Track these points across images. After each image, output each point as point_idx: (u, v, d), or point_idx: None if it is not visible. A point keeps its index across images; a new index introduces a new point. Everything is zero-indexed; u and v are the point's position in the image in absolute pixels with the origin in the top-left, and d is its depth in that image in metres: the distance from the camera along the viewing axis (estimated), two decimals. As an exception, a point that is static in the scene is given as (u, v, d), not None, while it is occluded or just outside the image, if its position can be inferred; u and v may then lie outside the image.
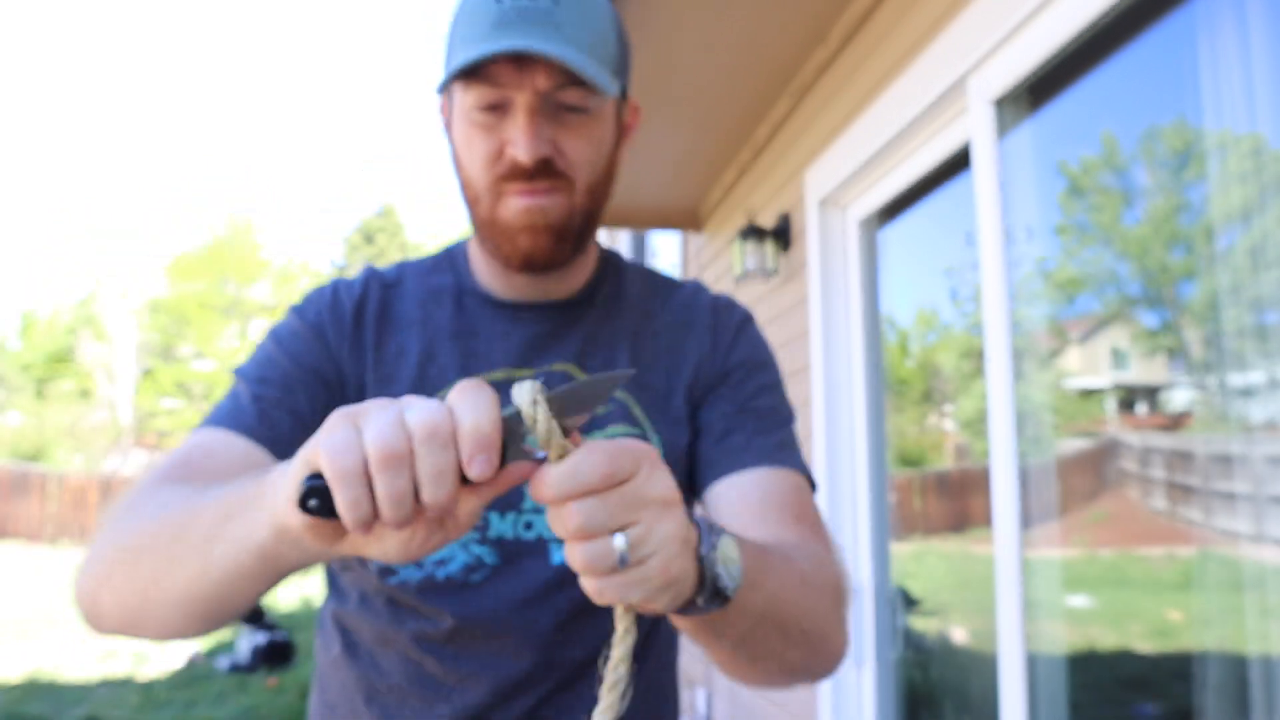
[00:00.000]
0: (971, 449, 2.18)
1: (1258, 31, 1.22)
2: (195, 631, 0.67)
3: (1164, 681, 1.50)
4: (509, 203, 0.80)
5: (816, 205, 2.59)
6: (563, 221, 0.81)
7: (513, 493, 0.81)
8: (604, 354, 0.88)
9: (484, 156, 0.79)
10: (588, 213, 0.83)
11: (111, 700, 5.83)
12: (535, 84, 0.76)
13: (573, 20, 0.75)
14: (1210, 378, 1.39)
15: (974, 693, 1.99)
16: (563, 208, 0.81)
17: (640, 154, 3.18)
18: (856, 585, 2.41)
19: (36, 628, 8.63)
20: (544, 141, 0.77)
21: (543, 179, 0.79)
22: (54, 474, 15.71)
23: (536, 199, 0.79)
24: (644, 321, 0.91)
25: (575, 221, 0.82)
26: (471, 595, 0.80)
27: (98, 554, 0.69)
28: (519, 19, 0.74)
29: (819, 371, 2.53)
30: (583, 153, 0.80)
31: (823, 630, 0.71)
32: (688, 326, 0.92)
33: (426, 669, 0.82)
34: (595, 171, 0.82)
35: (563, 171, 0.79)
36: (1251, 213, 1.24)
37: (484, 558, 0.81)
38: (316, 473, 0.49)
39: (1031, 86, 1.69)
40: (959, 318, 2.23)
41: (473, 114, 0.79)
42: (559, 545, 0.80)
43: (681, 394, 0.88)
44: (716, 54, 2.50)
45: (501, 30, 0.74)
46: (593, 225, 0.85)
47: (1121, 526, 1.62)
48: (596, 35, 0.78)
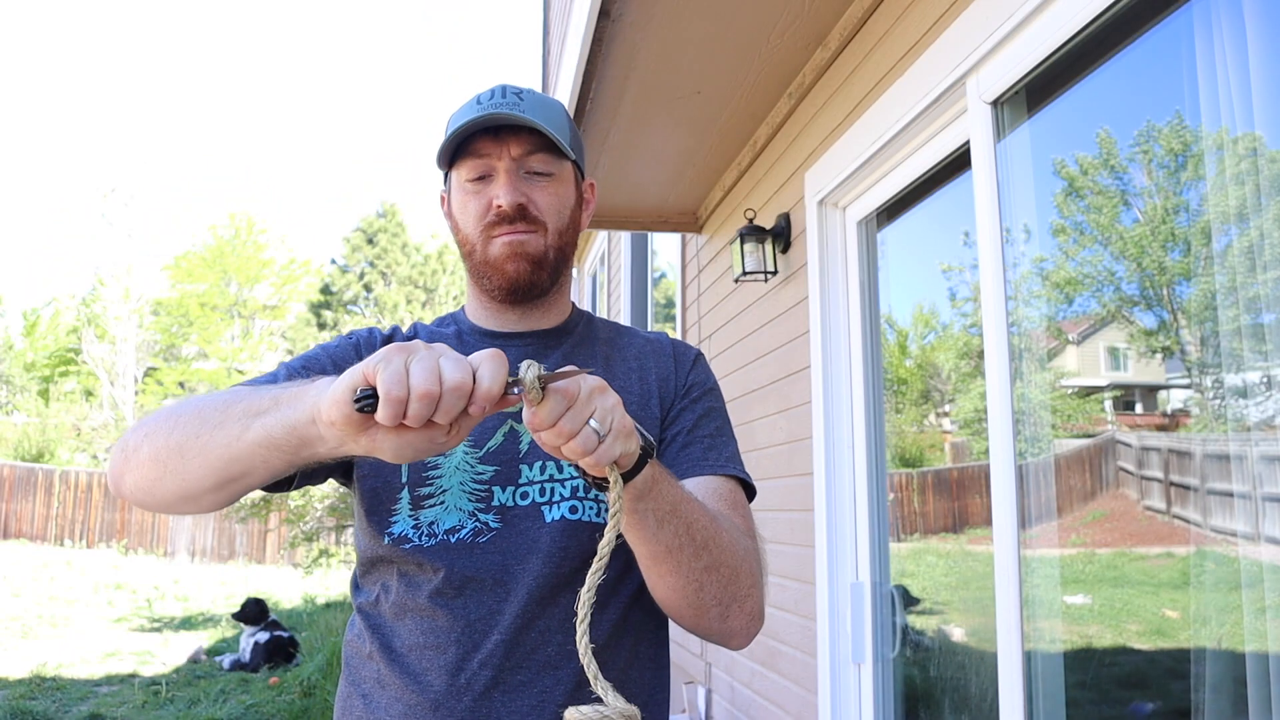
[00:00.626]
0: (970, 448, 2.19)
1: (1254, 32, 1.22)
2: (210, 495, 0.85)
3: (1161, 679, 1.50)
4: (496, 242, 1.05)
5: (816, 206, 2.59)
6: (539, 254, 1.06)
7: (510, 470, 1.01)
8: (588, 366, 1.09)
9: (476, 213, 1.05)
10: (558, 251, 1.08)
11: (115, 698, 5.85)
12: (510, 151, 1.04)
13: (536, 111, 1.04)
14: (1207, 377, 1.40)
15: (973, 691, 2.00)
16: (538, 243, 1.06)
17: (640, 154, 3.19)
18: (860, 584, 2.41)
19: (41, 626, 8.65)
20: (520, 193, 1.04)
21: (521, 222, 1.05)
22: (58, 473, 15.74)
23: (517, 236, 1.05)
24: (614, 351, 1.14)
25: (549, 256, 1.07)
26: (480, 553, 0.99)
27: (150, 417, 0.89)
28: (494, 106, 1.03)
29: (818, 371, 2.54)
30: (551, 205, 1.07)
31: (733, 567, 0.94)
32: (654, 354, 1.14)
33: (439, 622, 0.98)
34: (562, 220, 1.08)
35: (536, 217, 1.05)
36: (1248, 213, 1.25)
37: (490, 523, 0.99)
38: (370, 387, 0.69)
39: (1030, 88, 1.70)
40: (958, 318, 2.24)
41: (465, 185, 1.06)
42: (549, 507, 1.00)
43: (654, 402, 1.10)
44: (716, 55, 2.50)
45: (478, 108, 1.03)
46: (564, 263, 1.10)
47: (1119, 525, 1.63)
48: (555, 124, 1.06)
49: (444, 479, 1.01)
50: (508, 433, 1.03)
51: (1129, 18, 1.44)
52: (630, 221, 3.87)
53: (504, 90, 1.05)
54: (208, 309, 24.16)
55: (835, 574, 2.47)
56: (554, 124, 1.05)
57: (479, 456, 1.01)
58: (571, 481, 1.00)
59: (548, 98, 1.08)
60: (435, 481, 1.01)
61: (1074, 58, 1.57)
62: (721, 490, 1.04)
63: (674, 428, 1.09)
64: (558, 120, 1.07)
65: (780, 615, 2.85)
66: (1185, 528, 1.42)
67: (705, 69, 2.57)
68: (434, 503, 1.00)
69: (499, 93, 1.05)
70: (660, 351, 1.15)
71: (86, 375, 24.37)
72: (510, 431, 1.03)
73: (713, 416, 1.11)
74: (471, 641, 0.97)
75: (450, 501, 1.00)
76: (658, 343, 1.16)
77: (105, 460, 19.67)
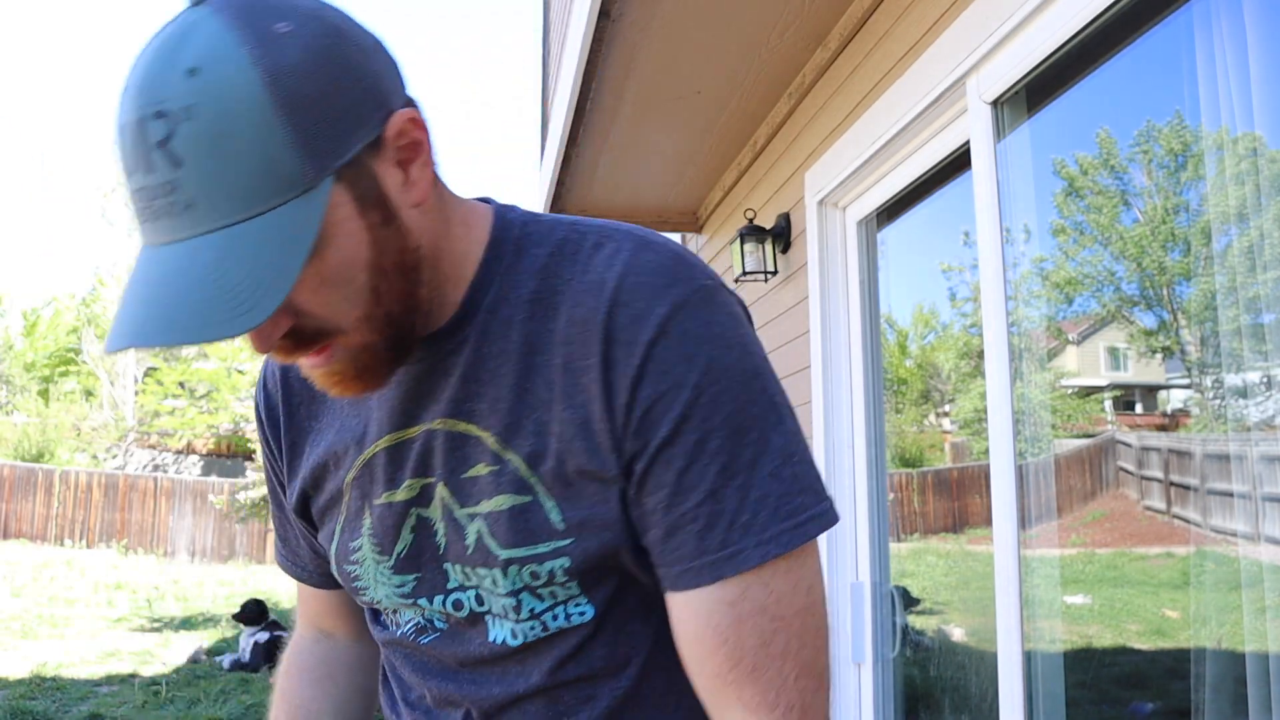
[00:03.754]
0: (970, 448, 2.19)
1: (1254, 32, 1.22)
2: None
3: (1161, 679, 1.50)
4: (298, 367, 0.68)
5: (816, 206, 2.60)
6: (359, 364, 0.64)
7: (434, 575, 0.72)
8: (484, 393, 0.67)
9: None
10: (389, 330, 0.63)
11: (115, 698, 5.85)
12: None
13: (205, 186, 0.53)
14: (1207, 377, 1.40)
15: (972, 690, 2.00)
16: (346, 356, 0.63)
17: (640, 154, 3.19)
18: (859, 588, 2.41)
19: (41, 626, 8.66)
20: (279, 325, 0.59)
21: (301, 348, 0.62)
22: (58, 473, 15.75)
23: (314, 361, 0.63)
24: (539, 331, 0.66)
25: (376, 352, 0.64)
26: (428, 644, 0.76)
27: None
28: (146, 208, 0.54)
29: (818, 371, 2.54)
30: (330, 301, 0.60)
31: None
32: (584, 343, 0.64)
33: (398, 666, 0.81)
34: (361, 300, 0.61)
35: (319, 329, 0.61)
36: (1248, 213, 1.25)
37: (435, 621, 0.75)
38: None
39: (1030, 88, 1.70)
40: (957, 317, 2.24)
41: None
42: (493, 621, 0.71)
43: (596, 437, 0.64)
44: (716, 55, 2.50)
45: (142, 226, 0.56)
46: (408, 327, 0.65)
47: (1119, 525, 1.63)
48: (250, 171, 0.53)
49: (369, 590, 0.75)
50: (415, 527, 0.71)
51: (1129, 18, 1.44)
52: (630, 221, 3.86)
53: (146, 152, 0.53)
54: (208, 309, 24.13)
55: (835, 574, 2.47)
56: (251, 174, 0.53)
57: (391, 565, 0.73)
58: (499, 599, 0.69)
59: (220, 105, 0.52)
60: (364, 593, 0.76)
61: (1074, 58, 1.57)
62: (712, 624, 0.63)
63: (647, 493, 0.64)
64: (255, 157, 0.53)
65: (780, 615, 2.85)
66: (1185, 528, 1.42)
67: (705, 69, 2.57)
68: (379, 606, 0.77)
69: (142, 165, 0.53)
70: (585, 343, 0.64)
71: (86, 375, 24.38)
72: (417, 525, 0.71)
73: (705, 454, 0.62)
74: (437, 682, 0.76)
75: (389, 605, 0.76)
76: (587, 320, 0.64)
77: (105, 460, 19.69)
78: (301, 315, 0.60)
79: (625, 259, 0.66)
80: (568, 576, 0.67)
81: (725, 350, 0.63)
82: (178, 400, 22.29)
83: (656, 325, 0.62)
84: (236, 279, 0.53)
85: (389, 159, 0.61)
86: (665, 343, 0.62)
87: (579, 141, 3.01)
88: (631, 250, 0.66)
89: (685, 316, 0.63)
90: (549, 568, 0.66)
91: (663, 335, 0.62)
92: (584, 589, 0.68)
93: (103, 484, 15.76)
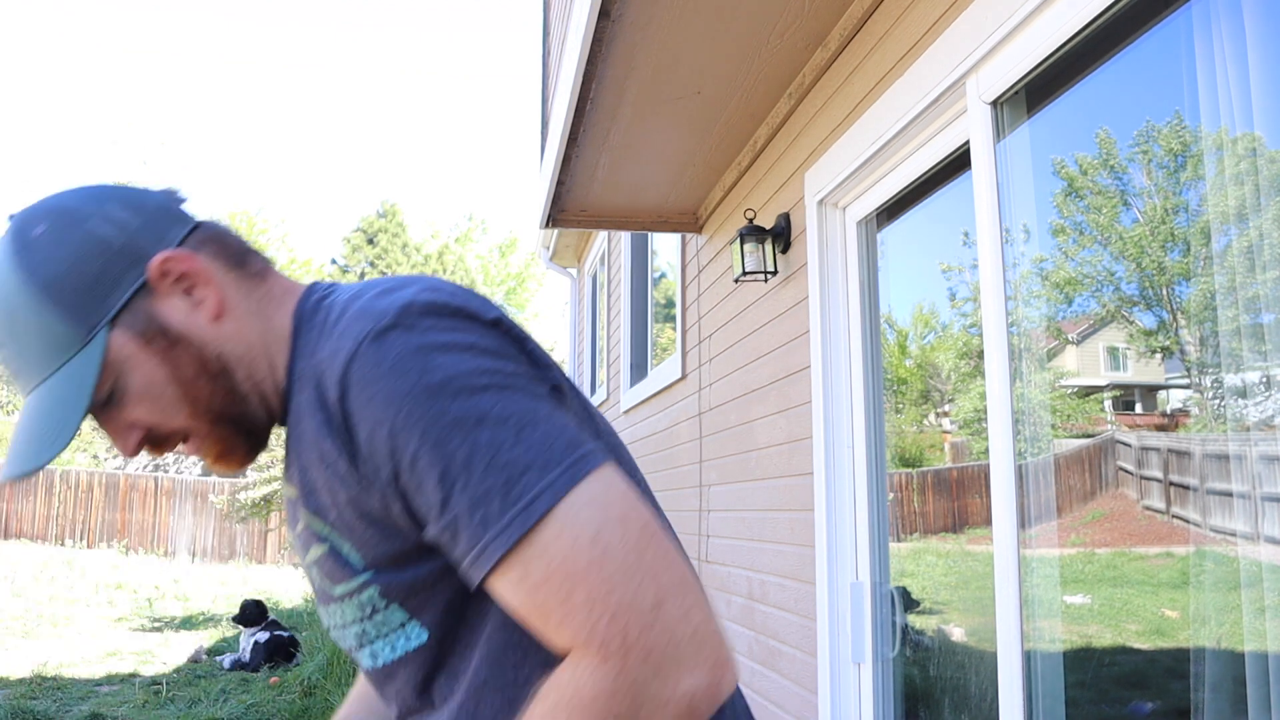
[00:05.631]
0: (970, 448, 2.19)
1: (1254, 33, 1.22)
2: None
3: (1160, 679, 1.50)
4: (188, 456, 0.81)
5: (816, 206, 2.60)
6: (220, 448, 0.79)
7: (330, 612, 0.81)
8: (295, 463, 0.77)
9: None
10: (226, 419, 0.77)
11: (115, 697, 5.85)
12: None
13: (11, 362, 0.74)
14: (1207, 377, 1.40)
15: (972, 690, 2.00)
16: (206, 443, 0.79)
17: (640, 154, 3.19)
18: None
19: (42, 625, 8.66)
20: (125, 432, 0.77)
21: (167, 445, 0.79)
22: (58, 473, 15.75)
23: (185, 449, 0.80)
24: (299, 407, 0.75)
25: (227, 436, 0.78)
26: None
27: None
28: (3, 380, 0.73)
29: (818, 371, 2.54)
30: (156, 412, 0.76)
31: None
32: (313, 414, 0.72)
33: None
34: (181, 404, 0.76)
35: (167, 432, 0.77)
36: (1248, 213, 1.25)
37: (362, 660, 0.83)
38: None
39: (1029, 88, 1.70)
40: (957, 317, 2.24)
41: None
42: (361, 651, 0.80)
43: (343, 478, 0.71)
44: (716, 56, 2.50)
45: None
46: (242, 413, 0.78)
47: (1118, 525, 1.63)
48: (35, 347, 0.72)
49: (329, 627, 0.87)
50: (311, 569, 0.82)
51: (1129, 18, 1.44)
52: (630, 221, 3.87)
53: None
54: (208, 309, 24.14)
55: (835, 574, 2.47)
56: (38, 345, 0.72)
57: (320, 602, 0.83)
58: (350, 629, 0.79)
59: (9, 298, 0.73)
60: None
61: (1074, 58, 1.57)
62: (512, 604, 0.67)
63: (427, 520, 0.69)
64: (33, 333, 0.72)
65: (780, 615, 2.85)
66: (1185, 528, 1.42)
67: (705, 69, 2.57)
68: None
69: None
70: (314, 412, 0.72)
71: (87, 375, 24.37)
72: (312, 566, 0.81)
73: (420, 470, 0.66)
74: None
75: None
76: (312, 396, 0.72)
77: (105, 460, 19.69)
78: (146, 427, 0.77)
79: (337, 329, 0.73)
80: (386, 600, 0.75)
81: (398, 380, 0.67)
82: (178, 400, 22.28)
83: (338, 383, 0.69)
84: (45, 423, 0.72)
85: (166, 293, 0.76)
86: (350, 395, 0.68)
87: (579, 141, 3.01)
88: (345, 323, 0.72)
89: (355, 366, 0.68)
90: (367, 596, 0.75)
91: (345, 390, 0.69)
92: (411, 613, 0.75)
93: (103, 484, 15.77)
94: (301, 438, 0.74)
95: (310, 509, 0.76)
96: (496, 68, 57.72)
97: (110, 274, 0.73)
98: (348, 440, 0.69)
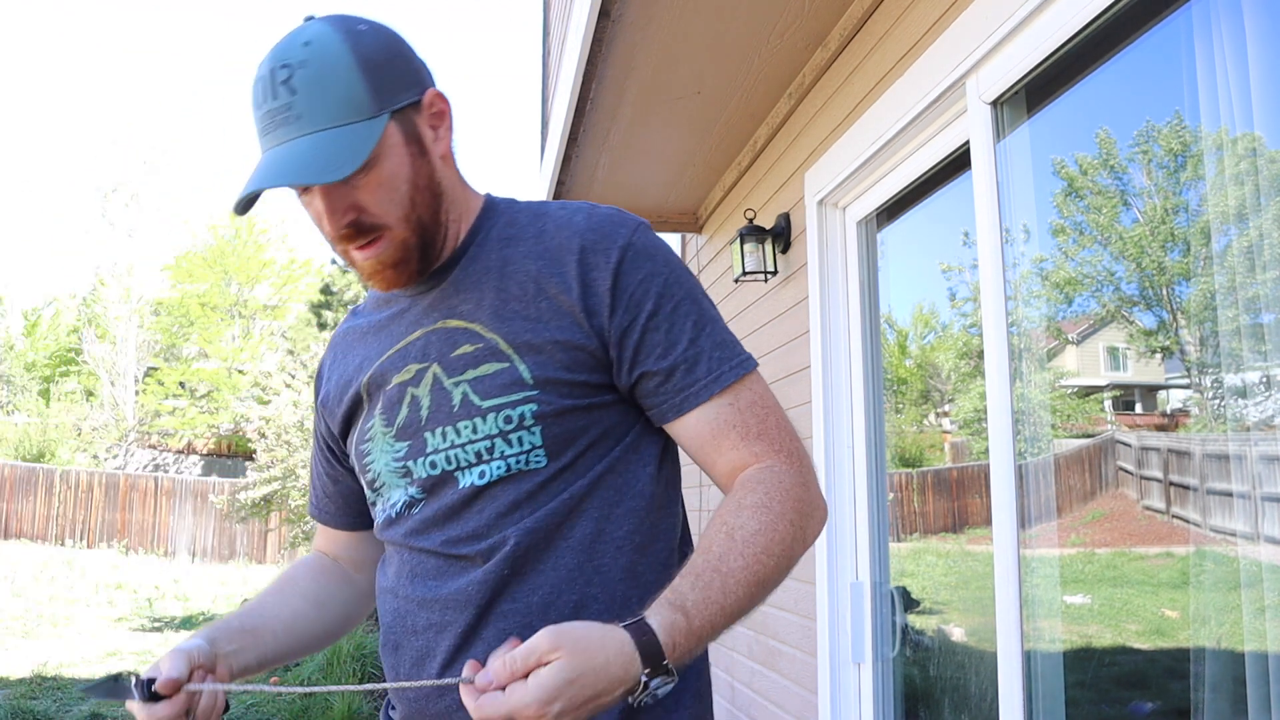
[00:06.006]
0: (970, 448, 2.19)
1: (1254, 33, 1.22)
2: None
3: (1161, 679, 1.50)
4: (352, 256, 0.96)
5: (816, 206, 2.60)
6: (398, 257, 0.95)
7: (418, 441, 0.97)
8: (470, 296, 0.97)
9: (315, 226, 0.95)
10: (418, 233, 0.95)
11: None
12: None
13: (310, 103, 0.87)
14: (1207, 377, 1.40)
15: (972, 690, 2.00)
16: (390, 249, 0.94)
17: (640, 154, 3.19)
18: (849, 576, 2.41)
19: (42, 625, 8.66)
20: (343, 211, 0.91)
21: (361, 237, 0.93)
22: (59, 473, 15.75)
23: (366, 253, 0.94)
24: (512, 255, 0.98)
25: (410, 249, 0.95)
26: (415, 520, 0.99)
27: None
28: (270, 123, 0.89)
29: (818, 371, 2.54)
30: (381, 202, 0.92)
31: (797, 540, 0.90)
32: (561, 251, 0.96)
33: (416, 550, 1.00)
34: (401, 206, 0.93)
35: (373, 224, 0.92)
36: (1248, 213, 1.25)
37: (415, 495, 0.99)
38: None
39: (1029, 88, 1.70)
40: (957, 317, 2.24)
41: (297, 196, 0.95)
42: (462, 472, 0.95)
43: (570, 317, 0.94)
44: (716, 55, 2.50)
45: (265, 138, 0.90)
46: (430, 234, 0.96)
47: (1118, 525, 1.63)
48: (338, 96, 0.88)
49: (374, 463, 1.01)
50: (410, 403, 0.98)
51: (1129, 18, 1.44)
52: (630, 221, 3.87)
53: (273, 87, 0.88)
54: (208, 309, 24.15)
55: (835, 574, 2.47)
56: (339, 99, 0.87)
57: (393, 434, 0.99)
58: (473, 445, 0.94)
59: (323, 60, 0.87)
60: (371, 468, 1.02)
61: (1073, 58, 1.57)
62: (730, 420, 0.93)
63: (639, 360, 0.94)
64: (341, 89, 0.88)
65: (780, 615, 2.85)
66: (1185, 528, 1.42)
67: (705, 69, 2.57)
68: (380, 485, 1.01)
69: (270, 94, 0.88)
70: (561, 258, 0.95)
71: (87, 375, 24.38)
72: (412, 401, 0.98)
73: (677, 319, 0.94)
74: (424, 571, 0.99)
75: (387, 480, 1.00)
76: (563, 245, 0.96)
77: (105, 460, 19.70)
78: (361, 212, 0.91)
79: (585, 210, 0.99)
80: (534, 420, 0.92)
81: (670, 254, 0.99)
82: (178, 400, 22.29)
83: (623, 241, 0.96)
84: (327, 155, 0.86)
85: (424, 118, 0.96)
86: (632, 251, 0.96)
87: (579, 141, 3.01)
88: (588, 207, 1.00)
89: (640, 236, 0.97)
90: (520, 411, 0.92)
91: (628, 247, 0.96)
92: (545, 441, 0.93)
93: (103, 484, 15.77)
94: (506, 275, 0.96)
95: (499, 332, 0.94)
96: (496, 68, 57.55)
97: (404, 80, 0.93)
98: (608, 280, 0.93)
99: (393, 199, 0.92)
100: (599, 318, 0.93)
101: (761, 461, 0.93)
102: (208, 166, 45.45)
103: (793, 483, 0.92)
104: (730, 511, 0.89)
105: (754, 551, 0.87)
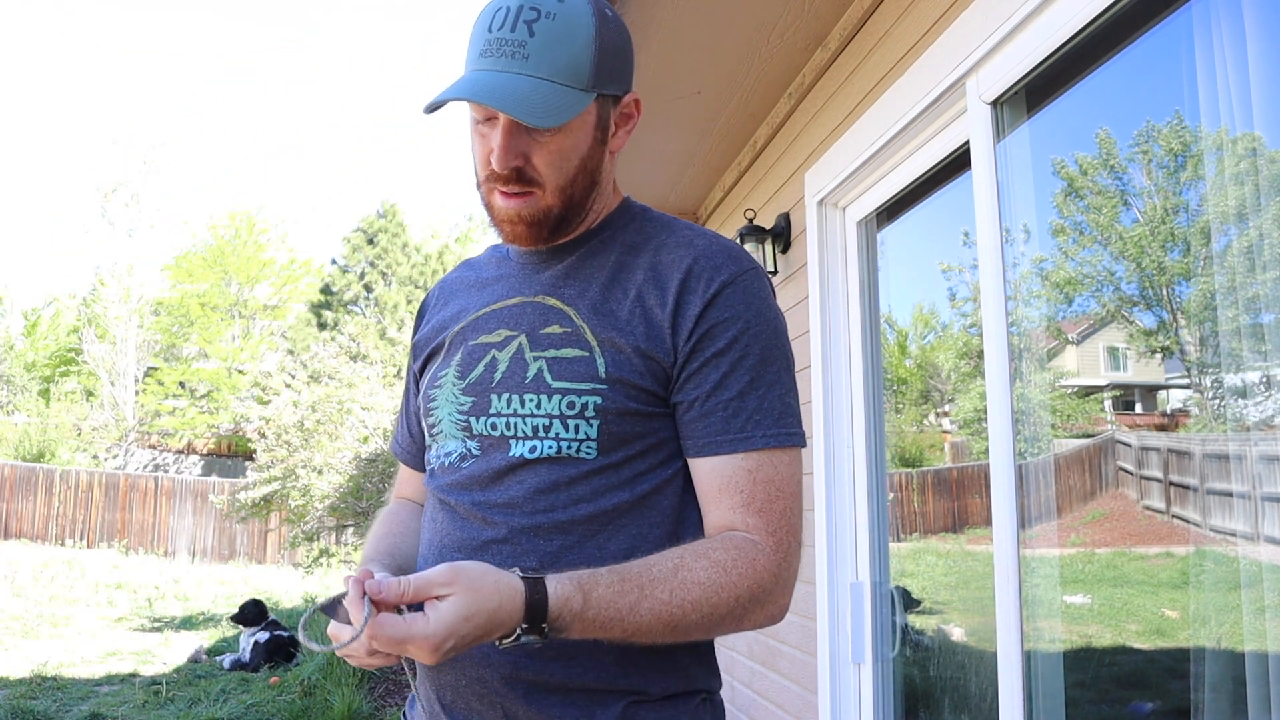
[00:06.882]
0: (970, 448, 2.19)
1: (1254, 33, 1.22)
2: None
3: (1161, 679, 1.50)
4: (495, 198, 1.00)
5: (816, 206, 2.60)
6: (536, 217, 1.00)
7: (483, 400, 1.01)
8: (577, 285, 1.03)
9: (480, 158, 1.00)
10: (564, 206, 1.01)
11: (115, 697, 5.85)
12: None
13: (543, 50, 0.93)
14: (1207, 377, 1.40)
15: (972, 690, 2.00)
16: (534, 208, 0.99)
17: (640, 154, 3.19)
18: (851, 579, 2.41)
19: (41, 625, 8.66)
20: (515, 155, 0.96)
21: (516, 184, 0.98)
22: (58, 473, 15.75)
23: (511, 201, 0.99)
24: (629, 261, 1.03)
25: (550, 216, 1.00)
26: (460, 475, 1.03)
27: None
28: (497, 50, 0.94)
29: (818, 371, 2.54)
30: (550, 165, 0.98)
31: (711, 623, 0.91)
32: (670, 267, 1.01)
33: (448, 505, 1.06)
34: (564, 176, 0.99)
35: (533, 179, 0.98)
36: (1248, 213, 1.25)
37: (472, 449, 1.03)
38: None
39: (1029, 88, 1.70)
40: (957, 317, 2.24)
41: (474, 119, 0.99)
42: (515, 441, 0.99)
43: (658, 330, 0.99)
44: (716, 56, 2.50)
45: (484, 59, 0.95)
46: (572, 212, 1.02)
47: (1119, 525, 1.63)
48: (568, 58, 0.94)
49: (438, 409, 1.06)
50: (488, 363, 1.03)
51: (1129, 18, 1.44)
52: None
53: (515, 21, 0.93)
54: (208, 309, 24.16)
55: (835, 574, 2.47)
56: (568, 57, 0.94)
57: (462, 388, 1.04)
58: (533, 419, 0.98)
59: (570, 21, 0.95)
60: (434, 413, 1.06)
61: (1073, 58, 1.57)
62: (738, 481, 0.95)
63: (687, 386, 0.97)
64: (573, 50, 0.94)
65: (780, 615, 2.85)
66: (1185, 528, 1.42)
67: (705, 69, 2.57)
68: (438, 431, 1.06)
69: (509, 26, 0.93)
70: (667, 275, 1.00)
71: (87, 375, 24.37)
72: (490, 362, 1.03)
73: (743, 367, 0.97)
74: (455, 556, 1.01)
75: (447, 430, 1.05)
76: (674, 262, 1.01)
77: (105, 460, 19.69)
78: (528, 164, 0.97)
79: (709, 237, 1.04)
80: (595, 414, 0.96)
81: (766, 309, 1.01)
82: (178, 400, 22.29)
83: (727, 277, 0.99)
84: (540, 101, 0.93)
85: (617, 113, 1.04)
86: (731, 290, 0.99)
87: (579, 141, 3.01)
88: (712, 235, 1.05)
89: (745, 279, 1.00)
90: (585, 400, 0.97)
91: (730, 284, 0.99)
92: (599, 435, 0.97)
93: (103, 484, 15.77)
94: (616, 278, 1.02)
95: (591, 324, 1.00)
96: (496, 68, 57.31)
97: (620, 74, 1.01)
98: (699, 307, 0.97)
99: (561, 167, 0.98)
100: (679, 336, 0.98)
101: (751, 535, 0.95)
102: (207, 166, 45.41)
103: (765, 568, 0.93)
104: (694, 553, 0.92)
105: (685, 598, 0.89)
